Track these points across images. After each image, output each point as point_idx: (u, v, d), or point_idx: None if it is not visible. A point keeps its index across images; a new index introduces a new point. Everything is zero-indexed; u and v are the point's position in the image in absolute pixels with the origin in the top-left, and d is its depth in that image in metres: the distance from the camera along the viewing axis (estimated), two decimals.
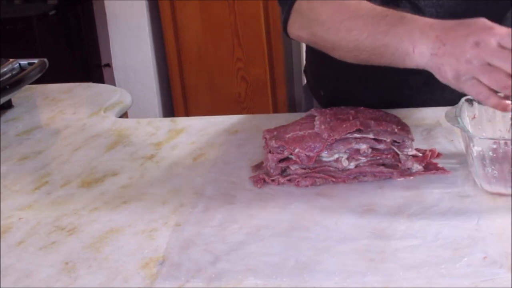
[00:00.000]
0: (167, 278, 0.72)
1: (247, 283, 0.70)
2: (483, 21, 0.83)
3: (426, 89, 1.14)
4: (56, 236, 0.83)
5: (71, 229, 0.84)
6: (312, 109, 1.01)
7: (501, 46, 0.80)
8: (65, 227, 0.85)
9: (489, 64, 0.80)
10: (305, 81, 1.40)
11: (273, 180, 0.91)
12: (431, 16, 1.08)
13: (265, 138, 0.95)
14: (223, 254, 0.75)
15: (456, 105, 0.91)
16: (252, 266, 0.73)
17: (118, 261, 0.76)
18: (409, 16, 0.89)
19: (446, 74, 0.83)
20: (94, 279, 0.73)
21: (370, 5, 0.95)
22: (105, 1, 2.92)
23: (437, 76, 0.85)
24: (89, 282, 0.73)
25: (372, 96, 1.01)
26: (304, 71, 1.38)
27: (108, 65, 3.33)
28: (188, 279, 0.71)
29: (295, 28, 1.06)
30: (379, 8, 0.94)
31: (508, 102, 0.80)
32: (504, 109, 0.81)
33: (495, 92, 0.81)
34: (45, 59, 1.39)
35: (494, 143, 0.84)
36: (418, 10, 1.09)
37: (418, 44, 0.85)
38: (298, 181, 0.91)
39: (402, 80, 1.12)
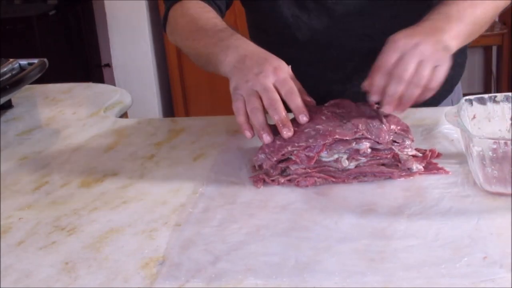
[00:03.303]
0: (167, 278, 0.72)
1: (247, 283, 0.70)
2: (280, 62, 0.95)
3: (355, 83, 1.17)
4: (56, 236, 0.83)
5: (71, 229, 0.84)
6: (312, 107, 1.00)
7: (274, 85, 0.91)
8: (65, 227, 0.85)
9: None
10: None
11: (273, 180, 0.91)
12: (340, 14, 1.15)
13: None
14: (223, 254, 0.75)
15: (456, 105, 0.91)
16: (252, 266, 0.73)
17: (118, 261, 0.76)
18: (237, 35, 1.02)
19: (231, 84, 0.95)
20: (94, 279, 0.73)
21: (216, 21, 1.09)
22: (105, 1, 2.93)
23: (231, 86, 0.97)
24: (89, 282, 0.73)
25: (344, 96, 1.04)
26: None
27: (108, 65, 3.33)
28: (188, 279, 0.71)
29: (168, 33, 1.22)
30: (220, 24, 1.08)
31: (247, 129, 0.93)
32: (242, 131, 0.93)
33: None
34: (45, 59, 1.40)
35: (494, 143, 0.84)
36: (326, 9, 1.15)
37: (229, 55, 0.97)
38: (298, 181, 0.91)
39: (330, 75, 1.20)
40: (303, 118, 0.92)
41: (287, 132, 0.90)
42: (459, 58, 1.24)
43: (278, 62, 0.94)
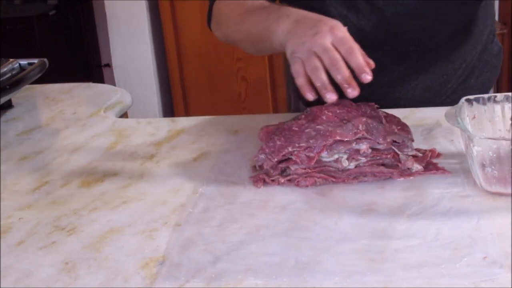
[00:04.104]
0: (167, 278, 0.72)
1: (247, 283, 0.70)
2: (335, 21, 0.93)
3: (398, 88, 1.16)
4: (56, 236, 0.83)
5: (71, 229, 0.84)
6: (312, 107, 1.00)
7: (332, 44, 0.90)
8: (65, 227, 0.85)
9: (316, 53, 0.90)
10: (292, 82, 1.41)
11: (273, 180, 0.91)
12: (391, 15, 1.10)
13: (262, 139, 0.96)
14: (223, 254, 0.75)
15: (456, 105, 0.91)
16: (252, 266, 0.73)
17: (118, 261, 0.76)
18: (286, 7, 1.02)
19: (287, 49, 0.94)
20: (94, 279, 0.73)
21: (262, 2, 1.08)
22: (105, 1, 2.92)
23: (286, 51, 0.96)
24: (89, 282, 0.73)
25: (344, 95, 1.03)
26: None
27: (108, 65, 3.33)
28: (188, 279, 0.71)
29: (213, 29, 1.20)
30: (267, 3, 1.07)
31: (309, 91, 0.91)
32: (303, 93, 0.92)
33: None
34: (45, 59, 1.39)
35: (494, 143, 0.84)
36: (377, 10, 1.12)
37: (282, 23, 0.97)
38: (298, 181, 0.91)
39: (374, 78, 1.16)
40: (366, 77, 0.89)
41: (352, 91, 0.89)
42: (495, 60, 1.24)
43: (333, 22, 0.93)
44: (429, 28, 1.13)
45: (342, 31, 0.91)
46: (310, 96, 0.91)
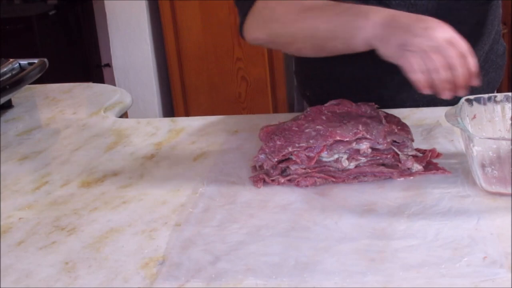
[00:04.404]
0: (167, 278, 0.72)
1: (247, 283, 0.70)
2: (436, 20, 0.89)
3: (405, 88, 1.15)
4: (56, 236, 0.83)
5: (71, 229, 0.84)
6: (312, 107, 1.00)
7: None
8: (65, 227, 0.85)
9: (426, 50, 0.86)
10: (296, 82, 1.40)
11: (273, 180, 0.91)
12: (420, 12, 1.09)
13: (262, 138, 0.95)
14: (223, 254, 0.75)
15: (456, 105, 0.91)
16: (252, 266, 0.73)
17: (118, 261, 0.76)
18: (364, 5, 0.95)
19: (389, 43, 0.89)
20: (94, 279, 0.73)
21: (324, 1, 1.00)
22: (105, 1, 2.92)
23: (382, 50, 0.90)
24: (89, 282, 0.73)
25: (353, 97, 1.02)
26: (294, 72, 1.39)
27: (108, 65, 3.33)
28: (188, 279, 0.71)
29: (252, 30, 1.08)
30: (333, 1, 0.99)
31: (427, 87, 0.88)
32: (419, 88, 0.88)
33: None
34: (45, 59, 1.39)
35: (494, 143, 0.84)
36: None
37: (371, 19, 0.91)
38: (298, 181, 0.91)
39: (382, 80, 1.14)
40: (475, 82, 0.88)
41: (463, 92, 0.87)
42: (500, 60, 1.24)
43: (436, 20, 0.89)
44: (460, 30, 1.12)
45: (449, 29, 0.88)
46: (427, 91, 0.88)
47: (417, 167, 0.92)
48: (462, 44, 0.87)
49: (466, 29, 1.12)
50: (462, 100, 0.92)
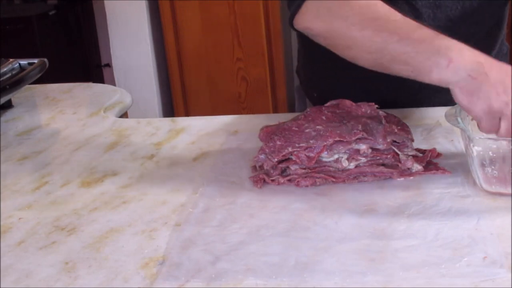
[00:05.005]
0: (167, 278, 0.72)
1: (247, 283, 0.70)
2: None
3: (423, 92, 1.14)
4: (56, 236, 0.83)
5: (71, 229, 0.84)
6: (312, 107, 1.00)
7: None
8: (65, 227, 0.85)
9: None
10: (298, 82, 1.40)
11: (273, 180, 0.91)
12: (428, 17, 1.08)
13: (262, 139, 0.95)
14: (223, 254, 0.75)
15: (456, 105, 0.90)
16: (252, 266, 0.73)
17: (118, 261, 0.76)
18: (443, 35, 0.88)
19: (475, 103, 0.82)
20: (94, 279, 0.73)
21: (402, 15, 0.92)
22: (105, 1, 2.92)
23: (459, 99, 0.84)
24: (89, 282, 0.73)
25: (366, 98, 1.01)
26: (297, 71, 1.38)
27: (108, 65, 3.33)
28: (188, 279, 0.71)
29: (309, 18, 0.98)
30: (413, 21, 0.90)
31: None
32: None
33: None
34: (45, 59, 1.39)
35: (494, 143, 0.83)
36: (415, 10, 1.09)
37: (456, 60, 0.83)
38: (298, 181, 0.91)
39: (398, 83, 1.13)
40: None
41: None
42: (505, 61, 1.24)
43: None
44: (463, 30, 1.11)
45: None
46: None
47: (417, 167, 0.92)
48: None
49: (486, 30, 1.12)
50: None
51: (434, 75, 0.85)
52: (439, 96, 1.14)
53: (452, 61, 0.83)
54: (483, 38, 1.14)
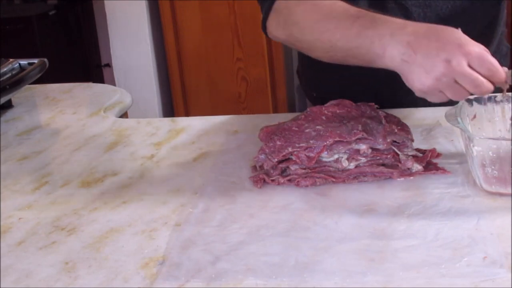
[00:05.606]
0: (167, 278, 0.72)
1: (247, 283, 0.70)
2: (457, 35, 0.84)
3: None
4: (56, 236, 0.83)
5: (71, 229, 0.84)
6: (312, 107, 1.00)
7: (470, 66, 0.81)
8: (65, 227, 0.85)
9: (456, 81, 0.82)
10: (298, 82, 1.40)
11: (273, 180, 0.91)
12: (418, 16, 1.08)
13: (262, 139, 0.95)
14: (223, 254, 0.75)
15: (456, 105, 0.91)
16: (252, 266, 0.73)
17: (118, 261, 0.76)
18: (381, 18, 0.90)
19: (413, 82, 0.85)
20: (94, 279, 0.73)
21: (343, 5, 0.95)
22: (105, 1, 2.92)
23: (404, 81, 0.86)
24: (89, 282, 0.73)
25: (363, 97, 1.01)
26: (297, 71, 1.38)
27: (108, 65, 3.33)
28: (188, 279, 0.71)
29: (273, 27, 1.05)
30: (352, 9, 0.93)
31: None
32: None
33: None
34: (45, 59, 1.39)
35: (494, 143, 0.84)
36: (404, 10, 1.10)
37: (389, 48, 0.86)
38: (298, 181, 0.91)
39: (394, 81, 1.13)
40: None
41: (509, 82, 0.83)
42: (504, 61, 1.24)
43: (454, 36, 0.83)
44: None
45: (472, 46, 0.82)
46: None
47: (417, 167, 0.92)
48: (488, 59, 0.82)
49: (479, 29, 1.12)
50: (462, 100, 0.92)
51: (379, 64, 0.88)
52: None
53: (386, 49, 0.86)
54: (476, 37, 1.14)
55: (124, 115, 1.38)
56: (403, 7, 1.10)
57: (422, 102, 1.17)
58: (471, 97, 0.93)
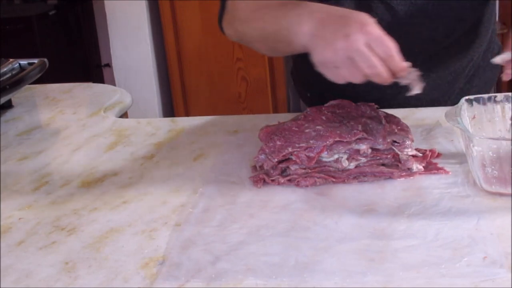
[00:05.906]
0: (167, 278, 0.72)
1: (247, 283, 0.70)
2: (364, 17, 0.86)
3: (408, 88, 1.15)
4: (56, 236, 0.83)
5: (71, 229, 0.84)
6: (312, 107, 1.00)
7: (368, 46, 0.83)
8: (65, 227, 0.85)
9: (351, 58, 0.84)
10: (292, 82, 1.40)
11: (273, 180, 0.91)
12: (404, 15, 1.09)
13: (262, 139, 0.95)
14: (223, 254, 0.75)
15: (456, 105, 0.91)
16: (252, 266, 0.73)
17: (118, 261, 0.76)
18: (306, 2, 0.93)
19: (315, 55, 0.87)
20: (94, 279, 0.73)
21: None
22: (105, 1, 2.92)
23: (311, 55, 0.88)
24: (89, 282, 0.73)
25: (355, 96, 1.02)
26: (291, 72, 1.38)
27: (108, 65, 3.33)
28: (188, 279, 0.71)
29: (224, 26, 1.09)
30: None
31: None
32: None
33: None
34: (45, 59, 1.40)
35: (494, 143, 0.84)
36: (390, 9, 1.10)
37: (304, 24, 0.89)
38: (298, 181, 0.91)
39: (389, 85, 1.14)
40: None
41: (410, 74, 0.86)
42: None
43: (362, 17, 0.86)
44: (441, 27, 1.12)
45: (374, 28, 0.84)
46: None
47: (417, 167, 0.92)
48: (386, 43, 0.84)
49: (467, 27, 1.13)
50: (462, 100, 0.92)
51: (297, 45, 0.90)
52: (436, 93, 1.14)
53: (302, 26, 0.89)
54: (464, 36, 1.14)
55: (124, 115, 1.38)
56: (389, 6, 1.10)
57: (408, 100, 1.17)
58: (471, 97, 0.93)
